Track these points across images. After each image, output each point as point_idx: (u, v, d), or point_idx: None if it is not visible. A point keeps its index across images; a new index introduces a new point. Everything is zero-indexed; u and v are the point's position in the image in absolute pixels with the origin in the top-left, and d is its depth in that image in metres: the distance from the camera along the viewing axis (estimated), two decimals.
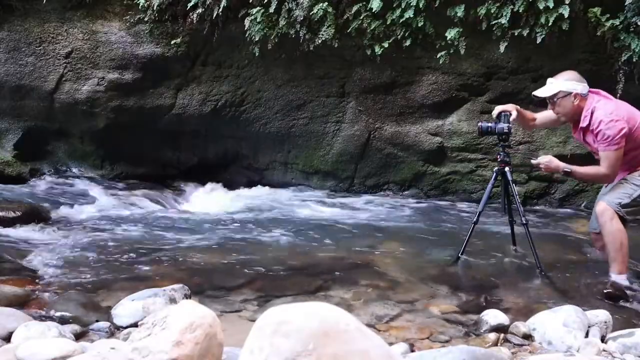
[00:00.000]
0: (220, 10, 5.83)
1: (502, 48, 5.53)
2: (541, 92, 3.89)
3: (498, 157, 4.09)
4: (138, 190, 6.44)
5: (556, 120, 4.03)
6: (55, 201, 5.71)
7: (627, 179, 3.77)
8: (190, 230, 5.02)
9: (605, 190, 3.96)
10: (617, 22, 5.23)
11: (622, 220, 3.69)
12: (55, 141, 7.01)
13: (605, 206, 3.68)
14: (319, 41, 5.78)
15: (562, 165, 3.89)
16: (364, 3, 5.70)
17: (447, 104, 6.26)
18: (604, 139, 3.66)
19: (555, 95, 3.82)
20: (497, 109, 4.02)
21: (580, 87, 3.79)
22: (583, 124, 3.79)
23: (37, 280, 3.50)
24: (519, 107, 4.02)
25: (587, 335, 2.73)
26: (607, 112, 3.66)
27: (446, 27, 5.60)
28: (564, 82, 3.81)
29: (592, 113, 3.72)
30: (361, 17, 5.72)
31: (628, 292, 3.58)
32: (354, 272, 3.91)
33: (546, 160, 3.96)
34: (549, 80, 3.90)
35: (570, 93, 3.78)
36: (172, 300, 2.90)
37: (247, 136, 6.87)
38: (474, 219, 4.07)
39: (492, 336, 2.79)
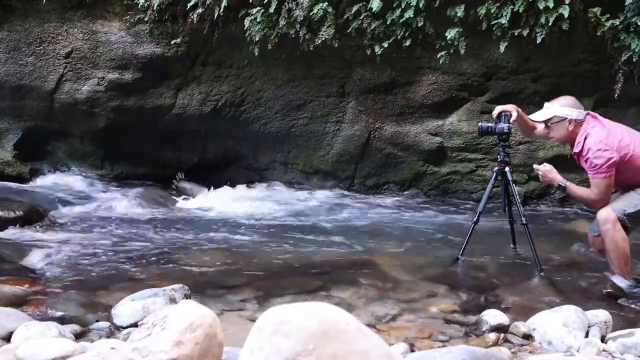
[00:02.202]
0: (221, 10, 5.83)
1: (502, 48, 5.54)
2: (537, 116, 3.90)
3: (498, 157, 4.09)
4: (138, 190, 6.43)
5: None
6: (55, 201, 5.70)
7: (635, 191, 3.77)
8: (190, 230, 5.02)
9: (611, 197, 3.96)
10: (617, 22, 5.23)
11: (625, 228, 3.70)
12: (55, 141, 7.01)
13: (610, 212, 3.67)
14: (319, 41, 5.78)
15: (559, 178, 3.90)
16: (364, 3, 5.70)
17: (447, 104, 6.26)
18: (591, 167, 3.67)
19: (549, 119, 3.83)
20: (498, 109, 4.02)
21: (576, 113, 3.77)
22: (576, 149, 3.79)
23: (37, 280, 3.50)
24: (519, 108, 4.02)
25: (587, 335, 2.73)
26: (597, 140, 3.64)
27: (446, 27, 5.60)
28: (559, 108, 3.81)
29: (584, 139, 3.71)
30: (361, 17, 5.72)
31: (628, 292, 3.59)
32: (354, 272, 3.91)
33: (546, 169, 3.95)
34: (545, 104, 3.91)
35: (565, 119, 3.78)
36: (172, 300, 2.90)
37: (247, 136, 6.87)
38: (474, 219, 4.07)
39: (492, 336, 2.79)
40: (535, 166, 4.03)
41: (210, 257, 4.19)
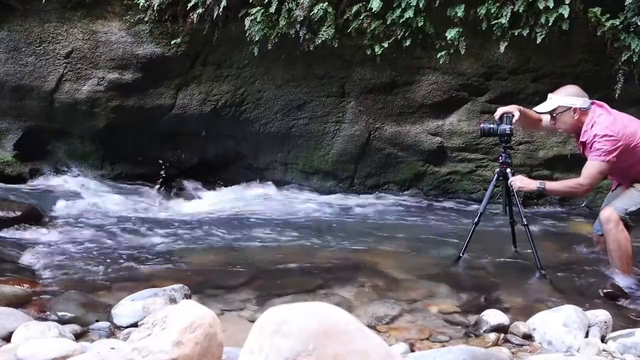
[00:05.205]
0: (220, 10, 5.82)
1: (502, 48, 5.54)
2: (541, 108, 3.89)
3: (500, 158, 4.09)
4: (138, 190, 6.44)
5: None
6: (55, 201, 5.70)
7: (635, 187, 3.77)
8: (190, 229, 5.02)
9: (612, 195, 3.96)
10: (617, 22, 5.22)
11: (627, 226, 3.69)
12: (55, 141, 7.00)
13: (612, 212, 3.67)
14: (319, 41, 5.78)
15: (534, 182, 3.92)
16: (364, 3, 5.70)
17: (447, 104, 6.26)
18: (594, 150, 3.66)
19: (554, 110, 3.82)
20: (500, 110, 4.01)
21: (580, 101, 3.77)
22: (582, 138, 3.78)
23: (37, 280, 3.50)
24: (522, 107, 4.01)
25: (587, 335, 2.73)
26: (603, 126, 3.64)
27: (446, 27, 5.60)
28: (563, 98, 3.80)
29: (591, 127, 3.71)
30: (361, 17, 5.72)
31: (628, 292, 3.59)
32: (354, 272, 3.91)
33: (516, 178, 3.93)
34: (549, 95, 3.89)
35: (570, 108, 3.77)
36: (172, 300, 2.90)
37: (247, 136, 6.87)
38: (475, 220, 4.07)
39: (492, 336, 2.79)
40: (509, 183, 4.01)
41: (210, 257, 4.19)
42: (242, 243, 4.65)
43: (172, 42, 6.22)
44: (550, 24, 5.24)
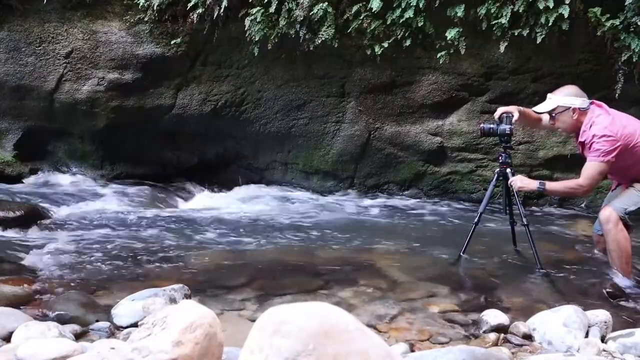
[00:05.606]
0: (221, 10, 5.83)
1: (502, 48, 5.54)
2: (540, 108, 3.90)
3: (500, 158, 4.09)
4: (138, 190, 6.44)
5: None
6: (55, 201, 5.70)
7: (635, 187, 3.77)
8: (190, 230, 5.02)
9: (611, 194, 3.96)
10: (617, 22, 5.22)
11: (627, 226, 3.70)
12: (55, 141, 7.01)
13: (611, 211, 3.67)
14: (319, 41, 5.78)
15: (534, 181, 3.93)
16: (364, 3, 5.70)
17: (447, 104, 6.26)
18: (593, 150, 3.66)
19: (553, 110, 3.82)
20: (499, 110, 4.01)
21: (579, 101, 3.77)
22: (581, 138, 3.78)
23: (37, 280, 3.50)
24: (521, 107, 4.01)
25: (587, 335, 2.73)
26: (601, 126, 3.65)
27: (446, 27, 5.60)
28: (562, 98, 3.81)
29: (590, 127, 3.72)
30: (361, 17, 5.72)
31: (628, 292, 3.59)
32: (354, 272, 3.91)
33: (515, 178, 3.94)
34: (548, 95, 3.90)
35: (569, 108, 3.77)
36: (172, 300, 2.90)
37: (247, 136, 6.87)
38: (475, 220, 4.08)
39: (492, 336, 2.79)
40: (509, 183, 4.02)
41: (210, 257, 4.19)
42: (242, 243, 4.65)
43: (172, 42, 6.22)
44: (550, 24, 5.25)
